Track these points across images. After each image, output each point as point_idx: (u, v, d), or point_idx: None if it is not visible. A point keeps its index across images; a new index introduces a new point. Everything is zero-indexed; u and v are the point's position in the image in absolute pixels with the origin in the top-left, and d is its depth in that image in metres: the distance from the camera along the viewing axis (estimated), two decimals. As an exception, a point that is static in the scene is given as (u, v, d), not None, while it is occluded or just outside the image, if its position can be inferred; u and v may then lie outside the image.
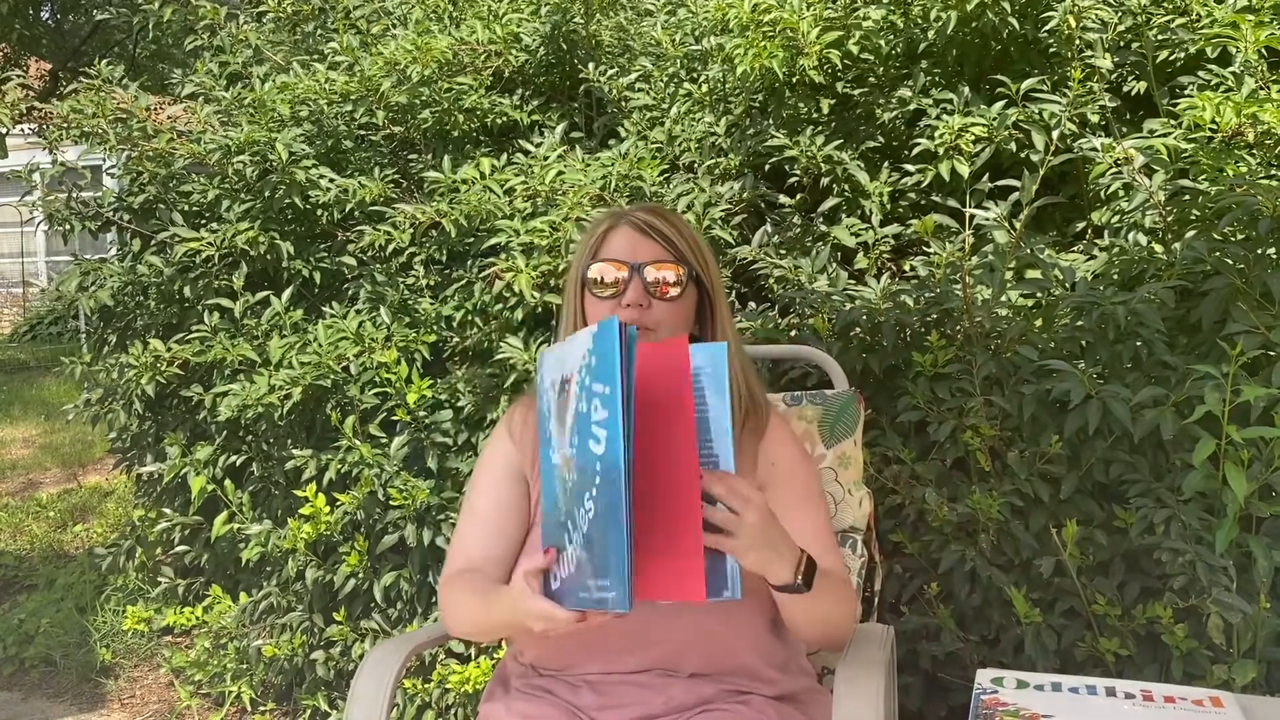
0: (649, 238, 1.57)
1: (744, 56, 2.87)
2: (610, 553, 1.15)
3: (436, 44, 3.20)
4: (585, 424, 1.20)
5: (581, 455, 1.20)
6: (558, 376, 1.28)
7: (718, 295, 1.62)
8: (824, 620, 1.47)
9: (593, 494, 1.18)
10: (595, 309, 1.56)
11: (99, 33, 11.89)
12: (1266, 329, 2.00)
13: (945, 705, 2.33)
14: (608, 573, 1.16)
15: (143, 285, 3.18)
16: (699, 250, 1.60)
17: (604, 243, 1.59)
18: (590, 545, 1.19)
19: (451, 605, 1.56)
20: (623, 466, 1.14)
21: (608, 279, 1.55)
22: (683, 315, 1.58)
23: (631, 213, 1.61)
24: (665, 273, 1.55)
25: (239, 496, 2.88)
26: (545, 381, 1.31)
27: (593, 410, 1.18)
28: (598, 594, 1.18)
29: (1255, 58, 2.51)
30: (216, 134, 3.13)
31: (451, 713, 2.61)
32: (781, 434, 1.62)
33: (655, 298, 1.54)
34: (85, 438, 6.50)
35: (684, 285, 1.56)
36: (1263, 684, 1.96)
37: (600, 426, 1.17)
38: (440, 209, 2.78)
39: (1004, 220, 2.49)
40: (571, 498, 1.23)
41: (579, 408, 1.21)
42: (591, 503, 1.18)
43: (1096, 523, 2.15)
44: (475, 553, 1.58)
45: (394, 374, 2.62)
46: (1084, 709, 1.21)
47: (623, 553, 1.14)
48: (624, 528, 1.14)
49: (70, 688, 3.32)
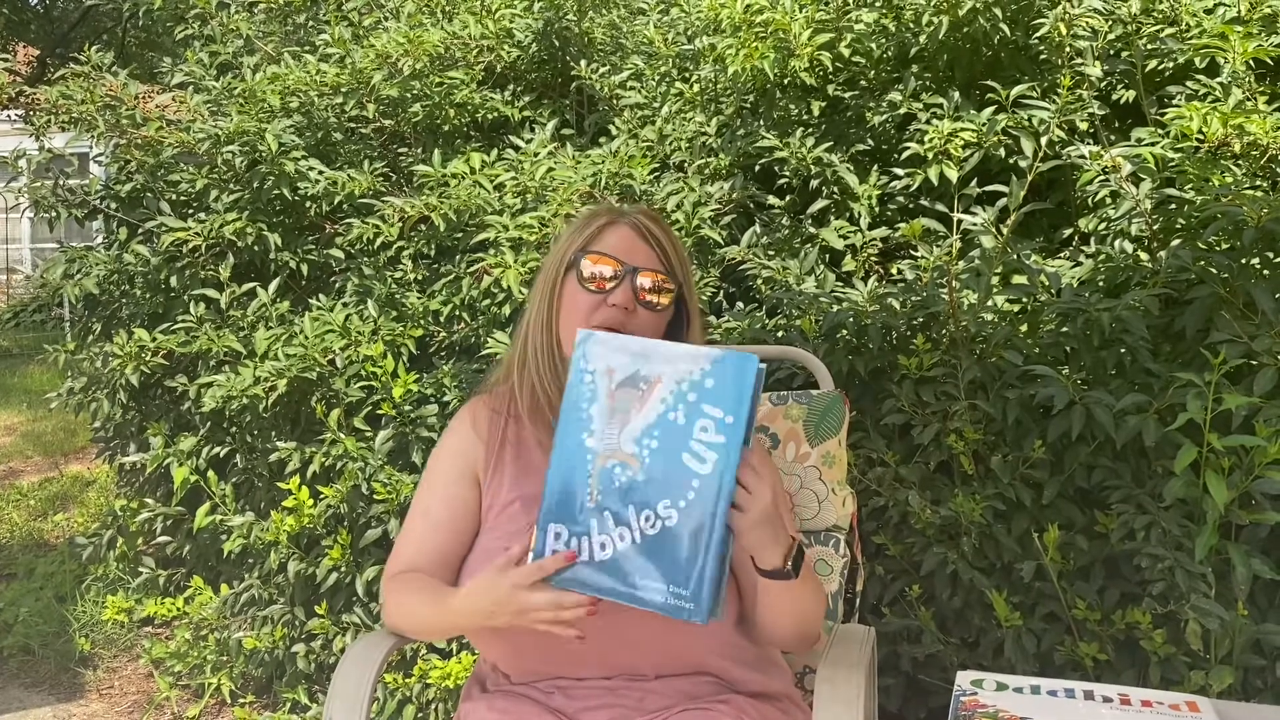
0: (647, 243, 1.55)
1: (735, 57, 2.87)
2: (699, 566, 1.24)
3: (428, 38, 3.20)
4: (678, 436, 1.26)
5: (666, 464, 1.26)
6: (619, 368, 1.30)
7: (694, 314, 1.61)
8: (801, 614, 1.46)
9: (680, 505, 1.25)
10: (576, 300, 1.53)
11: (88, 19, 11.81)
12: (1249, 338, 2.01)
13: (925, 707, 2.34)
14: (691, 583, 1.24)
15: (128, 274, 3.16)
16: (685, 266, 1.60)
17: (599, 236, 1.56)
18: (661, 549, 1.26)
19: (398, 605, 1.55)
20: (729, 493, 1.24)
21: (599, 274, 1.52)
22: (661, 327, 1.57)
23: (634, 214, 1.59)
24: (657, 282, 1.53)
25: (222, 488, 2.87)
26: (590, 364, 1.32)
27: (695, 428, 1.26)
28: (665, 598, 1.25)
29: (1243, 69, 2.53)
30: (206, 123, 3.11)
31: (432, 708, 2.60)
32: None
33: (641, 304, 1.53)
34: (68, 426, 6.46)
35: (671, 298, 1.55)
36: (1239, 690, 1.97)
37: (710, 449, 1.25)
38: (429, 203, 2.78)
39: (991, 225, 2.51)
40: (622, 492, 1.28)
41: (670, 417, 1.27)
42: (674, 511, 1.25)
43: (1078, 528, 2.17)
44: (425, 553, 1.56)
45: (380, 368, 2.61)
46: (1062, 712, 1.22)
47: (711, 571, 1.24)
48: (715, 550, 1.24)
49: (48, 677, 3.30)
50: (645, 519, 1.26)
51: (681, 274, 1.58)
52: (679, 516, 1.25)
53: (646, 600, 1.26)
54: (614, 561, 1.27)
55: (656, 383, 1.28)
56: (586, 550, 1.29)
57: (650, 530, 1.26)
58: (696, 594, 1.24)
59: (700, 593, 1.24)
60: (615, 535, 1.28)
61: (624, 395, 1.29)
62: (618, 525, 1.27)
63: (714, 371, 1.26)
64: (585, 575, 1.29)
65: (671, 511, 1.25)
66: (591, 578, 1.29)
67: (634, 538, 1.27)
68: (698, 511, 1.24)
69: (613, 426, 1.29)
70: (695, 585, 1.24)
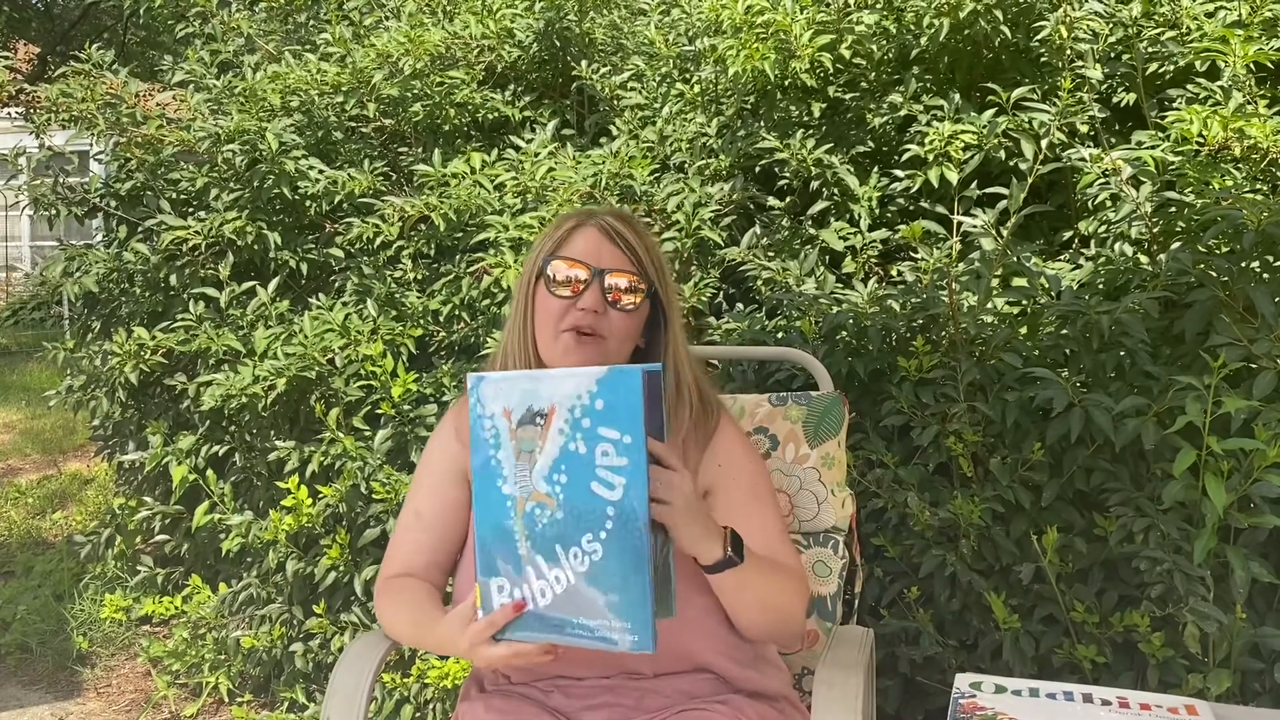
0: (614, 244, 1.53)
1: (736, 58, 2.87)
2: (634, 596, 1.19)
3: (429, 37, 3.20)
4: (583, 466, 1.21)
5: (577, 497, 1.22)
6: (514, 406, 1.26)
7: (672, 311, 1.59)
8: (764, 602, 1.44)
9: (601, 536, 1.21)
10: (547, 306, 1.52)
11: (88, 17, 11.81)
12: (1249, 341, 2.01)
13: (923, 709, 2.34)
14: (630, 615, 1.20)
15: (128, 273, 3.16)
16: (660, 266, 1.58)
17: (567, 240, 1.55)
18: (595, 585, 1.21)
19: (390, 616, 1.56)
20: (645, 516, 1.19)
21: (567, 278, 1.51)
22: (635, 328, 1.55)
23: (601, 216, 1.58)
24: (626, 282, 1.52)
25: (221, 487, 2.87)
26: (486, 409, 1.28)
27: (597, 455, 1.20)
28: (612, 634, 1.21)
29: (1244, 72, 2.53)
30: (206, 122, 3.11)
31: (430, 708, 2.60)
32: (729, 434, 1.60)
33: (612, 306, 1.51)
34: (67, 424, 6.45)
35: (642, 298, 1.53)
36: (1237, 693, 1.98)
37: (615, 473, 1.20)
38: (429, 203, 2.77)
39: (991, 228, 2.51)
40: (547, 533, 1.23)
41: (570, 447, 1.22)
42: (598, 545, 1.21)
43: (1076, 530, 2.17)
44: (417, 558, 1.57)
45: (379, 367, 2.61)
46: (1060, 715, 1.22)
47: (648, 598, 1.19)
48: (646, 574, 1.19)
49: (46, 675, 3.30)
50: (574, 557, 1.22)
51: (655, 273, 1.56)
52: (602, 549, 1.21)
53: (596, 640, 1.22)
54: (557, 605, 1.24)
55: (551, 414, 1.23)
56: (531, 598, 1.26)
57: (581, 569, 1.22)
58: (639, 625, 1.20)
59: (644, 623, 1.20)
60: (551, 579, 1.24)
61: (525, 433, 1.25)
62: (551, 569, 1.24)
63: (601, 392, 1.20)
64: (535, 624, 1.26)
65: (595, 545, 1.21)
66: (541, 626, 1.26)
67: (569, 578, 1.23)
68: (619, 539, 1.20)
69: (522, 467, 1.25)
70: (636, 616, 1.20)
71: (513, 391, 1.26)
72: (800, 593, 1.51)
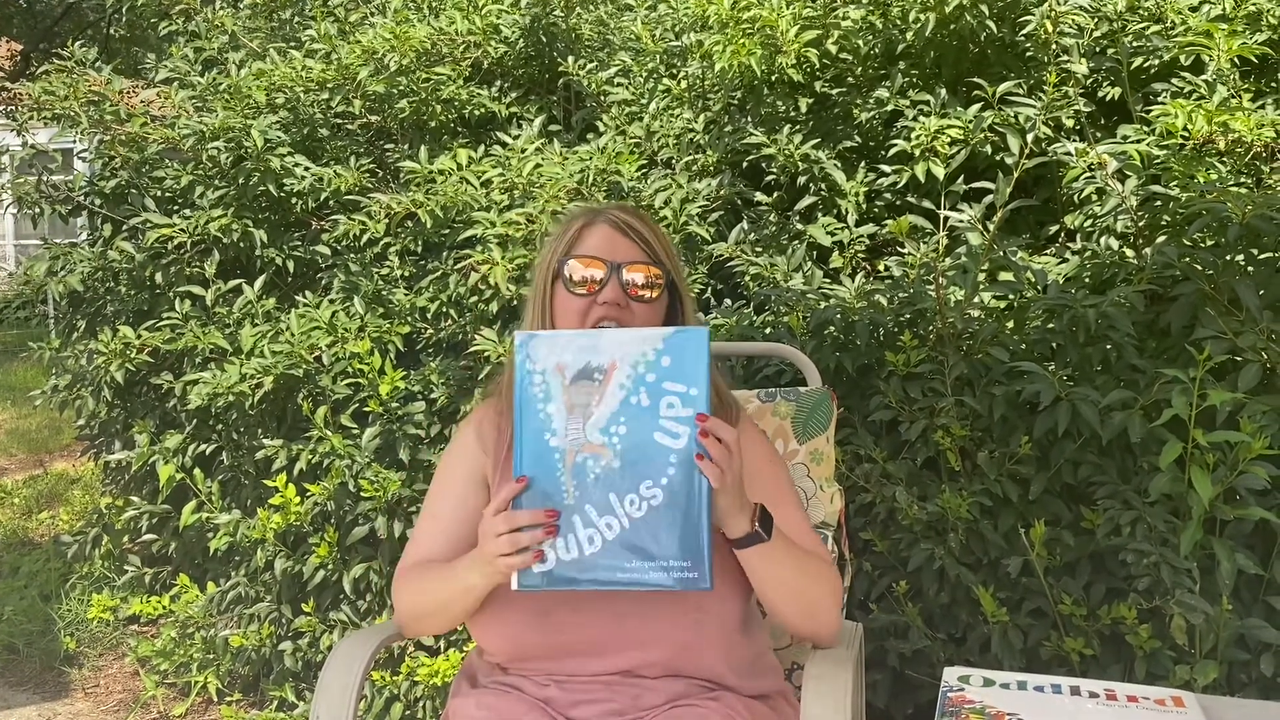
0: (628, 238, 1.56)
1: (723, 53, 2.87)
2: (693, 535, 1.28)
3: (415, 34, 3.19)
4: (646, 417, 1.30)
5: (638, 447, 1.29)
6: (569, 362, 1.32)
7: (687, 299, 1.62)
8: (795, 590, 1.46)
9: (662, 482, 1.29)
10: (569, 305, 1.54)
11: (72, 14, 11.75)
12: (1234, 334, 2.02)
13: (912, 703, 2.35)
14: (689, 553, 1.28)
15: (113, 271, 3.14)
16: (671, 254, 1.61)
17: (579, 239, 1.57)
18: (652, 529, 1.29)
19: (408, 592, 1.56)
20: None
21: (585, 276, 1.53)
22: (657, 318, 1.58)
23: (609, 211, 1.60)
24: (644, 274, 1.54)
25: (208, 485, 2.86)
26: (537, 364, 1.33)
27: (662, 407, 1.29)
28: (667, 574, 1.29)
29: (1228, 66, 2.54)
30: (190, 119, 3.10)
31: (419, 705, 2.60)
32: (751, 435, 1.62)
33: (633, 299, 1.54)
34: (53, 423, 6.42)
35: (660, 288, 1.56)
36: (1224, 684, 1.99)
37: (681, 423, 1.29)
38: (416, 199, 2.77)
39: (978, 222, 2.51)
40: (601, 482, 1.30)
41: (632, 400, 1.30)
42: (658, 489, 1.29)
43: (1064, 523, 2.17)
44: (435, 555, 1.57)
45: (367, 365, 2.60)
46: (1049, 707, 1.22)
47: (707, 536, 1.28)
48: (706, 515, 1.28)
49: (33, 676, 3.28)
50: (630, 503, 1.29)
51: (668, 262, 1.59)
52: (664, 494, 1.29)
53: (649, 581, 1.29)
54: (605, 552, 1.30)
55: (611, 370, 1.31)
56: (575, 548, 1.30)
57: (637, 514, 1.29)
58: (698, 563, 1.28)
59: (701, 561, 1.27)
60: (602, 525, 1.30)
61: (580, 389, 1.32)
62: (602, 516, 1.30)
63: (668, 349, 1.30)
64: (576, 573, 1.30)
65: (655, 490, 1.29)
66: (584, 574, 1.30)
67: (622, 524, 1.29)
68: (682, 484, 1.28)
69: (574, 421, 1.31)
70: (695, 555, 1.28)
71: (569, 347, 1.33)
72: (828, 579, 1.52)
